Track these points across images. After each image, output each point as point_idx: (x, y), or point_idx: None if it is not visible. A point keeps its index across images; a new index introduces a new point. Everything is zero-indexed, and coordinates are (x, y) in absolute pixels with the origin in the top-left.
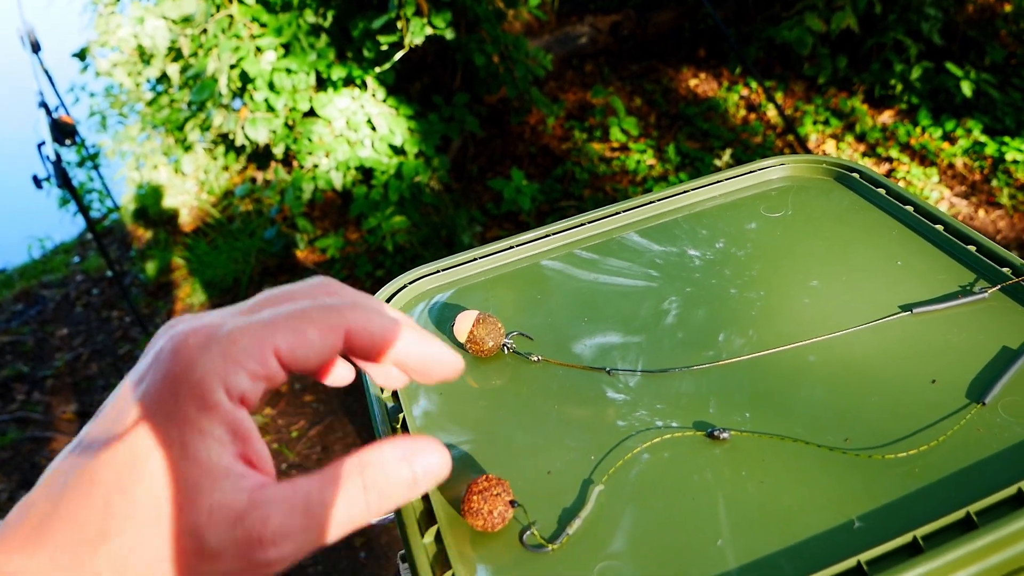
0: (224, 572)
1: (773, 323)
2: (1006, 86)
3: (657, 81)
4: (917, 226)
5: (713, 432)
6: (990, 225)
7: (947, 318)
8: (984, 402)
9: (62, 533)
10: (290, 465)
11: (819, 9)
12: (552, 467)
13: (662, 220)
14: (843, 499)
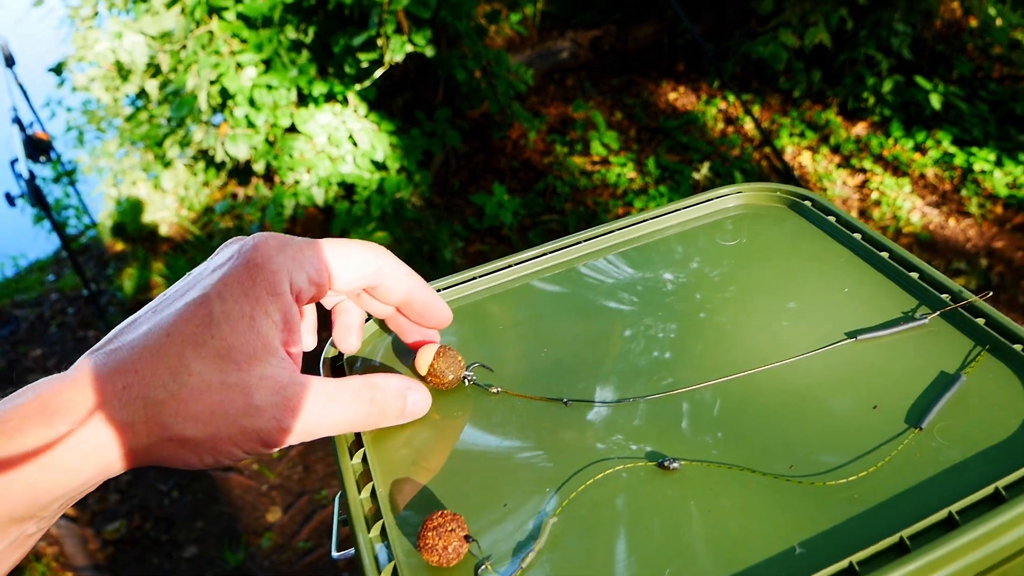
0: (260, 428)
1: (726, 352)
2: (973, 98)
3: (637, 95)
4: (864, 253)
5: (663, 462)
6: (960, 234)
7: (889, 344)
8: (921, 427)
9: (137, 374)
10: (271, 486)
11: (793, 25)
12: (508, 500)
13: (621, 250)
14: (787, 526)
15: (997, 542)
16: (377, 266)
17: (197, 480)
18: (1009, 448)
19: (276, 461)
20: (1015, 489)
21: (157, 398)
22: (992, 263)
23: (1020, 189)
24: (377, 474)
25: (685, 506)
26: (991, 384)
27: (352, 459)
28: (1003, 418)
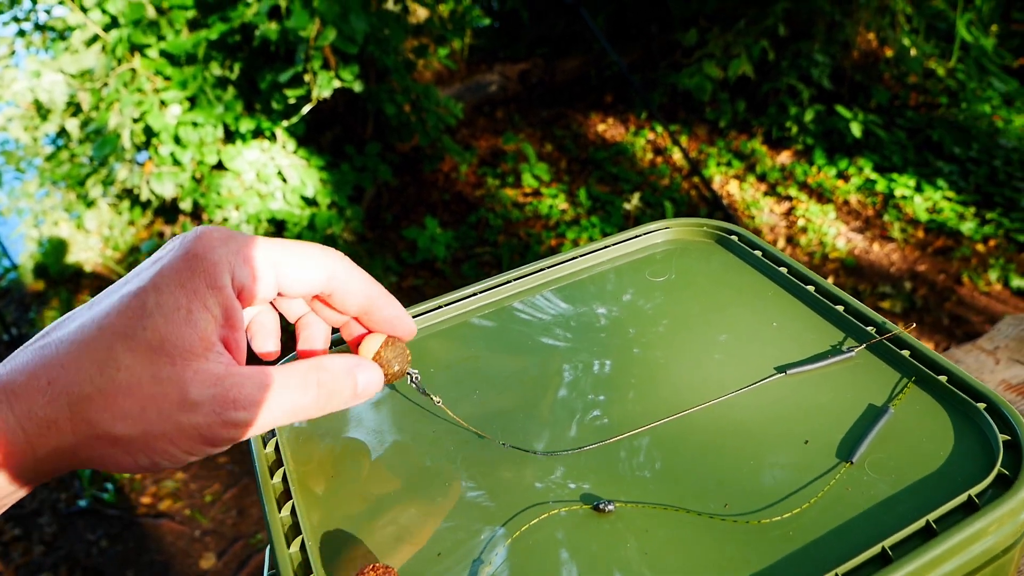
0: (199, 424)
1: (659, 389)
2: (891, 126)
3: (567, 127)
4: (791, 287)
5: (598, 505)
6: (884, 258)
7: (818, 377)
8: (852, 461)
9: (63, 368)
10: (204, 532)
11: (717, 57)
12: (442, 548)
13: (554, 287)
14: (722, 566)
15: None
16: (331, 271)
17: (127, 528)
18: (938, 480)
19: (209, 505)
20: (945, 522)
21: (83, 393)
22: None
23: (939, 213)
24: (306, 526)
25: (622, 548)
26: (918, 416)
27: (280, 512)
28: (931, 450)
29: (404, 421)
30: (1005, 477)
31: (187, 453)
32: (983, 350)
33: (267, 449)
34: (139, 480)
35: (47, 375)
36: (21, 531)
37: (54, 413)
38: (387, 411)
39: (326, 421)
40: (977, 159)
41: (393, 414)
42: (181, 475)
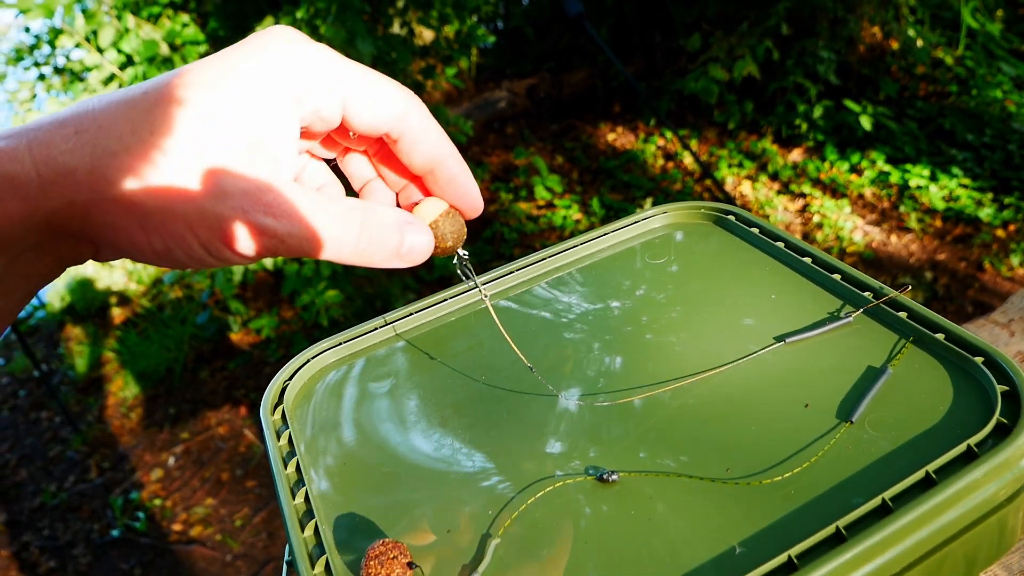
0: (222, 216)
1: (661, 364)
2: (902, 117)
3: (576, 138)
4: (788, 260)
5: (602, 475)
6: (903, 249)
7: (817, 344)
8: (852, 420)
9: (95, 120)
10: (235, 556)
11: (721, 60)
12: (451, 525)
13: (554, 276)
14: (726, 527)
15: (931, 525)
16: (406, 107)
17: (160, 556)
18: (937, 433)
19: (239, 530)
20: (945, 472)
21: (109, 148)
22: (937, 275)
23: (956, 201)
24: (319, 511)
25: (626, 517)
26: (917, 374)
27: (295, 499)
28: (930, 405)
29: (409, 404)
30: (1004, 426)
31: (204, 248)
32: (997, 323)
33: (281, 442)
34: (169, 508)
35: (76, 124)
36: (56, 563)
37: (74, 162)
38: (393, 396)
39: (334, 408)
40: (991, 144)
41: (399, 399)
42: (211, 500)
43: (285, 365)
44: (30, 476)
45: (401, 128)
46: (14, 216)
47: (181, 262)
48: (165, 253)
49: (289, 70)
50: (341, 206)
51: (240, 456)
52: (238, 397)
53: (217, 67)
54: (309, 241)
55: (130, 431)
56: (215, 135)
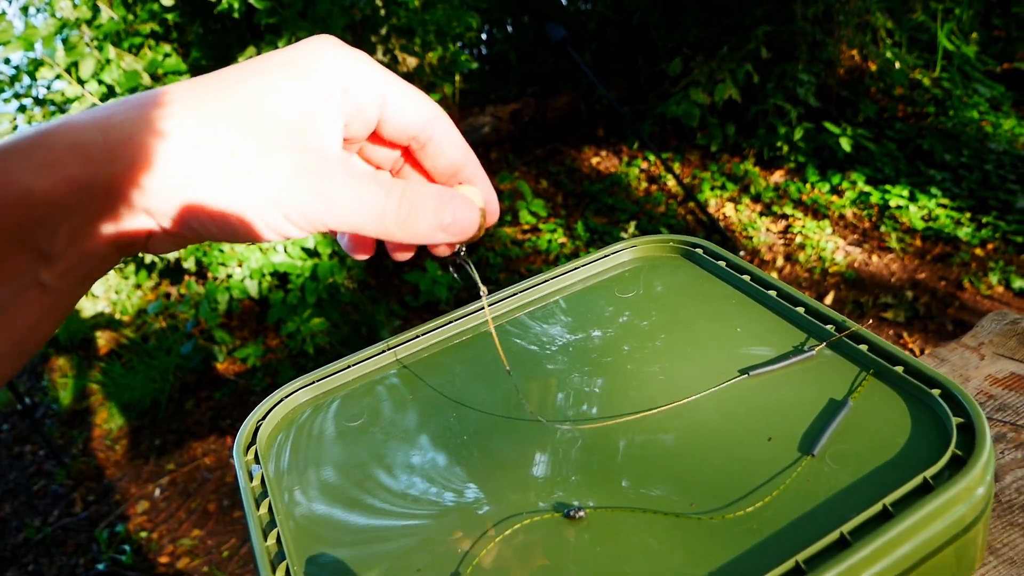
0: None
1: (626, 396)
2: (881, 138)
3: (561, 162)
4: (753, 293)
5: (569, 512)
6: (884, 268)
7: (780, 377)
8: (813, 453)
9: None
10: None
11: (702, 84)
12: (421, 564)
13: (525, 311)
14: (691, 563)
15: (889, 558)
16: (434, 113)
17: None
18: (895, 466)
19: (227, 560)
20: (901, 505)
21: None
22: (917, 294)
23: (935, 221)
24: (291, 552)
25: (593, 553)
26: (876, 406)
27: (267, 540)
28: (889, 438)
29: (382, 442)
30: (959, 458)
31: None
32: (967, 347)
33: (254, 482)
34: (156, 540)
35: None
36: None
37: (136, 128)
38: (365, 434)
39: (308, 447)
40: (969, 164)
41: (372, 436)
42: (197, 532)
43: (260, 403)
44: (14, 511)
45: (429, 133)
46: (78, 180)
47: (234, 226)
48: (220, 217)
49: (338, 65)
50: (383, 176)
51: (227, 486)
52: (224, 427)
53: (272, 58)
54: (357, 207)
55: (115, 463)
56: (268, 106)
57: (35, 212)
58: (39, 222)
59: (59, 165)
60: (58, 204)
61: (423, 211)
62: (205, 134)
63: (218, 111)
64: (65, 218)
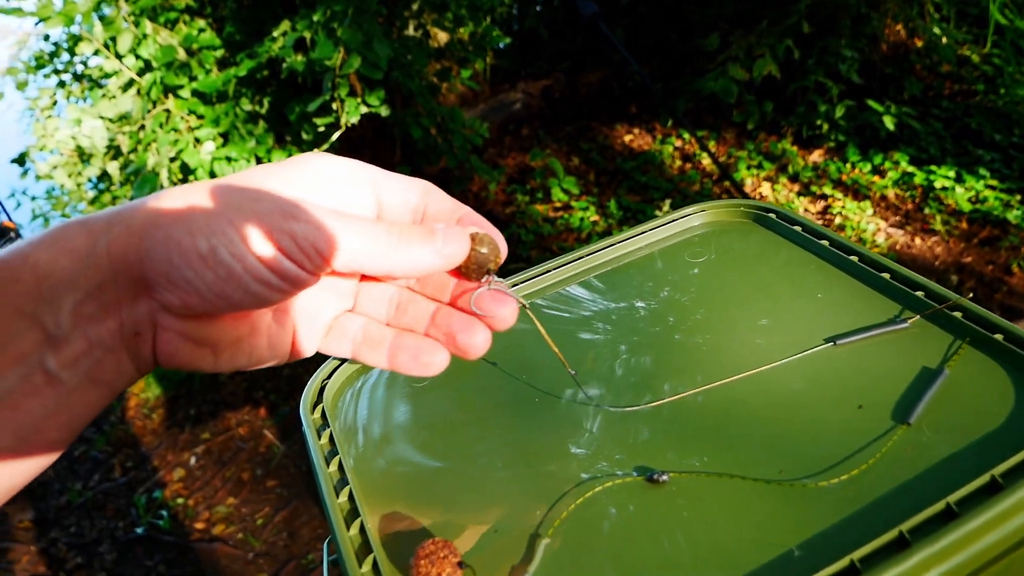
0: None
1: (705, 365)
2: (927, 117)
3: (592, 139)
4: (833, 259)
5: (652, 476)
6: (928, 251)
7: (869, 345)
8: (909, 422)
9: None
10: (257, 554)
11: (740, 59)
12: (499, 524)
13: (597, 272)
14: (782, 530)
15: (998, 531)
16: (425, 185)
17: (183, 554)
18: (1000, 436)
19: (261, 528)
20: (1012, 476)
21: (170, 192)
22: (963, 279)
23: (983, 203)
24: (364, 509)
25: (678, 518)
26: (975, 375)
27: (339, 497)
28: (990, 407)
29: (452, 405)
30: None
31: (245, 243)
32: None
33: (322, 440)
34: (192, 507)
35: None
36: (83, 559)
37: (137, 203)
38: (434, 395)
39: (374, 406)
40: (1020, 144)
41: (440, 398)
42: (232, 500)
43: (324, 364)
44: (56, 475)
45: (427, 198)
46: (80, 251)
47: (221, 260)
48: (208, 252)
49: (329, 160)
50: (368, 220)
51: (260, 456)
52: (257, 399)
53: (264, 166)
54: (340, 242)
55: (152, 431)
56: (265, 187)
57: (40, 285)
58: (44, 298)
59: (65, 239)
60: (61, 276)
61: (413, 235)
62: (199, 188)
63: (216, 181)
64: (69, 291)
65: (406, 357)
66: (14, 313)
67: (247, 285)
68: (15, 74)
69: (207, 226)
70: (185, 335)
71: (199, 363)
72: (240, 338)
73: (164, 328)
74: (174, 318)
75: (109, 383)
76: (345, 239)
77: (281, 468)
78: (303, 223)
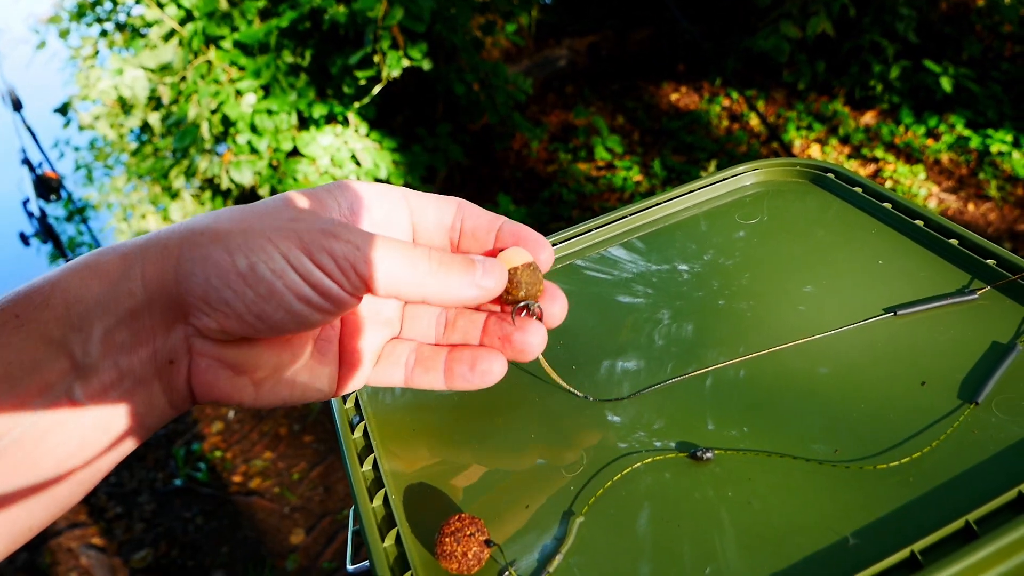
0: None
1: (756, 332)
2: (985, 79)
3: (638, 98)
4: (896, 223)
5: (696, 452)
6: (980, 218)
7: (933, 317)
8: (977, 401)
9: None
10: (293, 508)
11: (793, 16)
12: (530, 500)
13: (641, 232)
14: (836, 515)
15: None
16: (458, 200)
17: (221, 506)
18: None
19: (296, 483)
20: None
21: (204, 214)
22: (1016, 246)
23: None
24: (389, 480)
25: (723, 498)
26: None
27: (363, 466)
28: None
29: None
30: None
31: (284, 258)
32: None
33: (347, 404)
34: (229, 460)
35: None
36: (123, 509)
37: (171, 226)
38: None
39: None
40: None
41: None
42: (269, 454)
43: None
44: None
45: (462, 213)
46: (112, 275)
47: (261, 276)
48: (249, 271)
49: (360, 185)
50: (408, 243)
51: (297, 412)
52: None
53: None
54: (380, 262)
55: None
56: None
57: (70, 311)
58: (73, 324)
59: (97, 263)
60: (92, 301)
61: (453, 264)
62: (235, 211)
63: (251, 206)
64: (99, 317)
65: (463, 369)
66: (41, 340)
67: (288, 304)
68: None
69: (246, 244)
70: (223, 361)
71: (239, 394)
72: (281, 366)
73: (200, 355)
74: (211, 343)
75: (140, 418)
76: (384, 261)
77: (317, 424)
78: (343, 242)
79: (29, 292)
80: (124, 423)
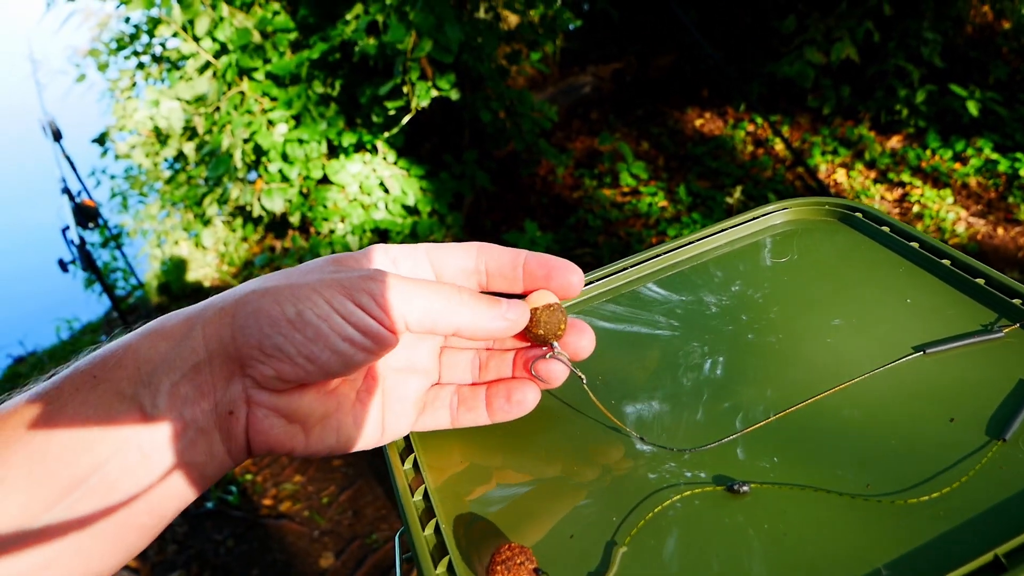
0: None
1: (789, 371)
2: (1013, 102)
3: (663, 124)
4: (923, 262)
5: (733, 486)
6: (1010, 242)
7: (962, 355)
8: (1005, 438)
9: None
10: (322, 532)
11: (818, 42)
12: (574, 530)
13: (672, 272)
14: (869, 548)
15: None
16: (476, 245)
17: (251, 529)
18: None
19: (326, 507)
20: None
21: (247, 286)
22: None
23: None
24: (439, 509)
25: (759, 531)
26: None
27: (414, 496)
28: None
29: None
30: None
31: (329, 304)
32: None
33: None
34: (260, 483)
35: (214, 297)
36: None
37: (230, 289)
38: None
39: None
40: None
41: None
42: (299, 478)
43: None
44: None
45: (482, 254)
46: (177, 335)
47: (309, 322)
48: (297, 317)
49: (383, 246)
50: (436, 282)
51: None
52: None
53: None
54: (409, 300)
55: None
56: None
57: (140, 370)
58: (143, 381)
59: (163, 327)
60: (159, 360)
61: (480, 298)
62: (284, 271)
63: (296, 268)
64: (166, 373)
65: (501, 401)
66: (115, 396)
67: (333, 344)
68: (97, 56)
69: (292, 295)
70: (276, 411)
71: (291, 442)
72: (328, 414)
73: (257, 404)
74: (267, 394)
75: (200, 468)
76: (419, 298)
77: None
78: (379, 283)
79: (104, 355)
80: (186, 471)
